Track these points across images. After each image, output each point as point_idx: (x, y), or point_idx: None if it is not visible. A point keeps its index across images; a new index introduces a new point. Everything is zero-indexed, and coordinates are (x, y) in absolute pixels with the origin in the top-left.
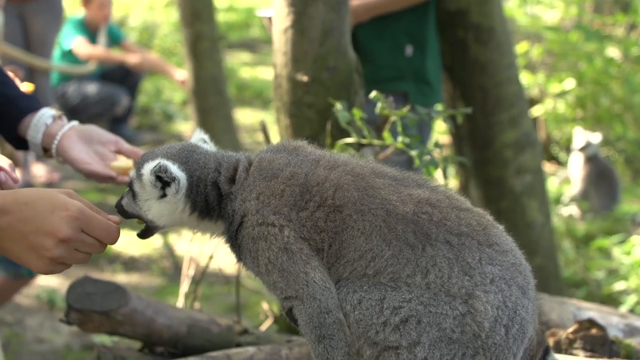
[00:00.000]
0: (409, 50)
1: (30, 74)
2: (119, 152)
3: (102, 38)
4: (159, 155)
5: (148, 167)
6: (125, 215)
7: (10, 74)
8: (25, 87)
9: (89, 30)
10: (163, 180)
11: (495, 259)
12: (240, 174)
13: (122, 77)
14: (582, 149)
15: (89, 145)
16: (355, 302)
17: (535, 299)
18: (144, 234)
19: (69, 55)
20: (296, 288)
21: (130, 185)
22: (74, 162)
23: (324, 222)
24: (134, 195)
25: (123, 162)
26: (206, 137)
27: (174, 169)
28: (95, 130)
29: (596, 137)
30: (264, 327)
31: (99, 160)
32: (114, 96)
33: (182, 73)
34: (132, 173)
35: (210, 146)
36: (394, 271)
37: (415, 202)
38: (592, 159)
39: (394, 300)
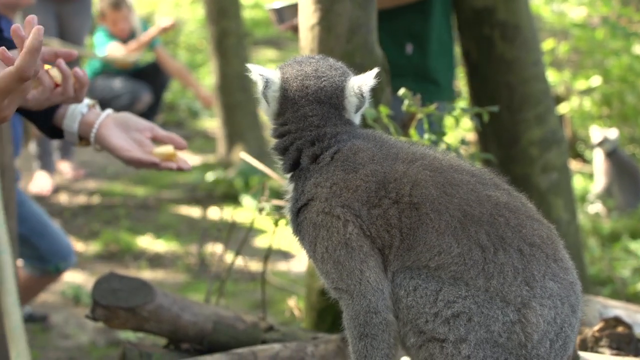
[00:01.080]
0: (409, 48)
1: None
2: (155, 138)
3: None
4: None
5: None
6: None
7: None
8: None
9: (118, 38)
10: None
11: (557, 275)
12: (325, 156)
13: (153, 74)
14: (600, 145)
15: (127, 132)
16: (410, 288)
17: (581, 319)
18: None
19: (105, 65)
20: (348, 283)
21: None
22: (114, 149)
23: (397, 220)
24: None
25: (164, 148)
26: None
27: (271, 74)
28: (131, 118)
29: (613, 133)
30: (289, 324)
31: (138, 147)
32: (135, 92)
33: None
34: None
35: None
36: (457, 270)
37: (494, 204)
38: (612, 155)
39: (450, 295)
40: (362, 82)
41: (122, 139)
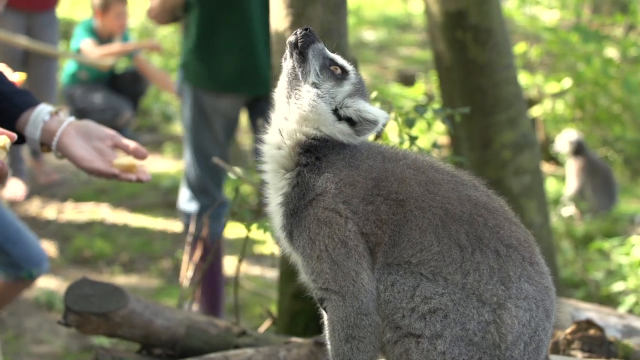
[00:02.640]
0: None
1: (25, 64)
2: (116, 146)
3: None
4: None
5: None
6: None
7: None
8: (18, 77)
9: (100, 37)
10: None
11: (533, 278)
12: (341, 152)
13: (132, 83)
14: (564, 147)
15: (88, 141)
16: (388, 283)
17: (554, 323)
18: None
19: (80, 66)
20: (342, 284)
21: (332, 64)
22: (75, 159)
23: (386, 216)
24: (342, 72)
25: (125, 159)
26: None
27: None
28: (92, 126)
29: (572, 135)
30: (262, 328)
31: (99, 157)
32: (117, 108)
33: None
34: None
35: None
36: (436, 266)
37: (473, 204)
38: (583, 157)
39: (427, 291)
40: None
41: (83, 149)
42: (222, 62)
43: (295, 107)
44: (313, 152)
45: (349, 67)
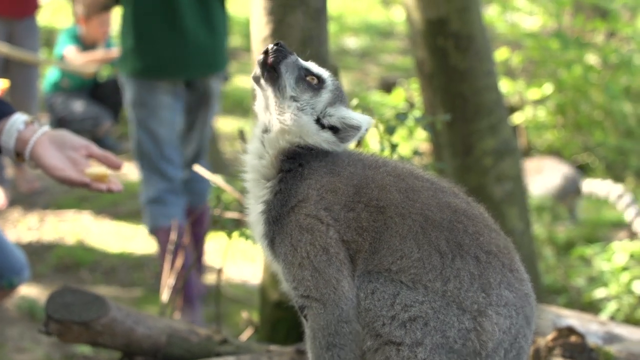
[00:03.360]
0: None
1: (5, 71)
2: (90, 156)
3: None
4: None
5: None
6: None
7: None
8: (2, 84)
9: (83, 44)
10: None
11: (513, 285)
12: (323, 159)
13: (113, 92)
14: None
15: (62, 150)
16: (368, 291)
17: (534, 330)
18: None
19: (63, 73)
20: (323, 292)
21: (309, 74)
22: (47, 168)
23: (367, 222)
24: (319, 83)
25: (97, 169)
26: None
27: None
28: (66, 136)
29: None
30: (244, 336)
31: (72, 166)
32: (97, 118)
33: None
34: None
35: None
36: (416, 273)
37: (453, 211)
38: None
39: (407, 299)
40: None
41: (55, 158)
42: (157, 51)
43: (277, 121)
44: (296, 159)
45: (324, 74)
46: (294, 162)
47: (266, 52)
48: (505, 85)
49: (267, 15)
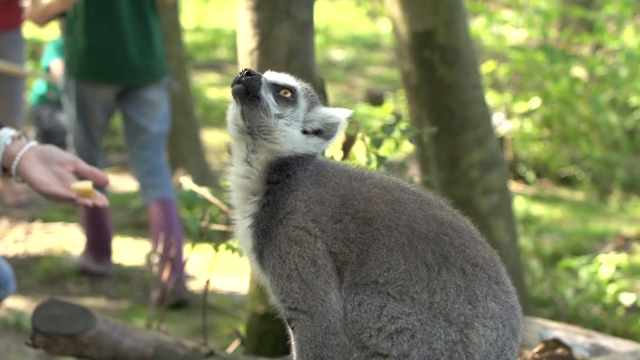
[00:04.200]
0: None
1: None
2: (76, 172)
3: None
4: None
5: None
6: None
7: None
8: None
9: None
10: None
11: (499, 297)
12: (308, 169)
13: None
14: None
15: (48, 165)
16: (355, 303)
17: (521, 342)
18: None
19: (49, 86)
20: (310, 304)
21: (281, 89)
22: (33, 183)
23: (354, 234)
24: (293, 97)
25: (83, 184)
26: None
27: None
28: (53, 151)
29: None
30: (230, 349)
31: (58, 181)
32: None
33: None
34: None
35: None
36: (403, 285)
37: (439, 223)
38: None
39: (394, 310)
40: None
41: (42, 173)
42: (99, 57)
43: (265, 142)
44: (284, 170)
45: (293, 83)
46: (282, 174)
47: (239, 81)
48: (491, 98)
49: (253, 28)
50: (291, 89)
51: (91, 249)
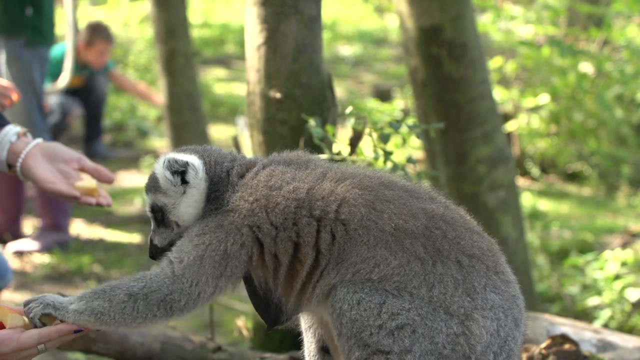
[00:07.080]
0: (28, 11)
1: None
2: (82, 169)
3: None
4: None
5: (159, 169)
6: (161, 253)
7: None
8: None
9: (77, 63)
10: (178, 172)
11: (499, 287)
12: (252, 173)
13: (86, 92)
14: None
15: (53, 163)
16: (354, 302)
17: (527, 335)
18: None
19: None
20: (187, 274)
21: (152, 213)
22: (38, 180)
23: (312, 238)
24: (163, 217)
25: (87, 182)
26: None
27: (181, 156)
28: (58, 148)
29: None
30: (237, 344)
31: (63, 179)
32: (65, 107)
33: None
34: (150, 201)
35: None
36: (400, 280)
37: (429, 216)
38: None
39: (393, 307)
40: None
41: (46, 170)
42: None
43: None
44: (214, 199)
45: (149, 200)
46: (216, 202)
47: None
48: (499, 94)
49: (261, 23)
50: (153, 209)
51: (47, 226)
